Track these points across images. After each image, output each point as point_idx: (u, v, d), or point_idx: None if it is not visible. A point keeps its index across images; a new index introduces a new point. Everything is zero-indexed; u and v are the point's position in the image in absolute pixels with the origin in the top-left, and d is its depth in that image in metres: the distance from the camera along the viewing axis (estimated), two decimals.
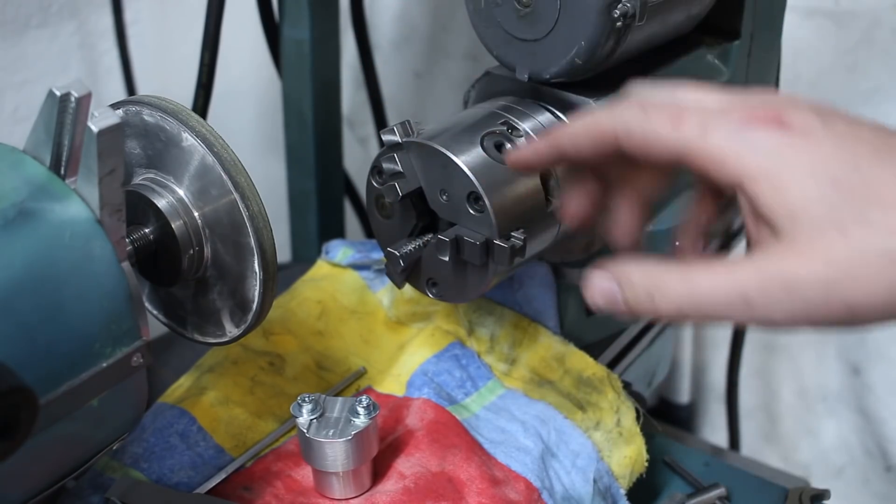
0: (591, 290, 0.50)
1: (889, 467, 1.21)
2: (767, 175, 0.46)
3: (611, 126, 0.50)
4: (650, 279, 0.48)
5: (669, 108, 0.49)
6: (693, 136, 0.47)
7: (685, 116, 0.48)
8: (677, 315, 0.48)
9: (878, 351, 1.19)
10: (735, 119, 0.47)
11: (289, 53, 1.00)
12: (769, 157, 0.46)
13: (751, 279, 0.46)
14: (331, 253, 0.90)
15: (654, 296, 0.48)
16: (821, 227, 0.45)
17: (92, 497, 0.67)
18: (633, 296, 0.49)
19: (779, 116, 0.46)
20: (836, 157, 0.45)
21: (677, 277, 0.48)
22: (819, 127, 0.46)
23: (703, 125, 0.47)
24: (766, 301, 0.45)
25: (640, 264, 0.49)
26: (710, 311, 0.47)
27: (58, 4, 1.09)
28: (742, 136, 0.46)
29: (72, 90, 0.54)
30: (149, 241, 0.65)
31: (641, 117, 0.49)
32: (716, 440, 1.33)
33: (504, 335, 0.82)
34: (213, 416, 0.73)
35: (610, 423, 0.77)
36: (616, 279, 0.49)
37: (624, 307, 0.49)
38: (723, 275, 0.46)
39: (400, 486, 0.69)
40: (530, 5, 0.68)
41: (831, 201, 0.45)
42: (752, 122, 0.47)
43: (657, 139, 0.49)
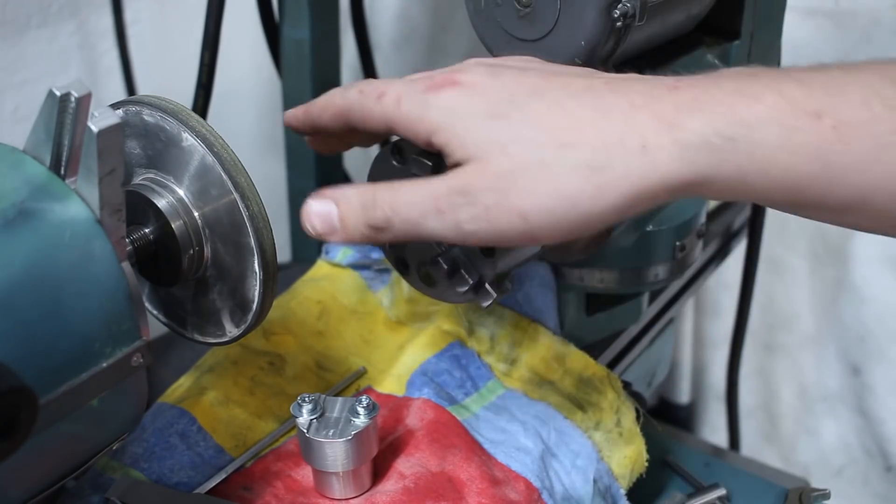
0: (307, 215, 0.58)
1: (889, 467, 1.21)
2: (444, 125, 0.55)
3: (342, 104, 0.60)
4: (364, 193, 0.56)
5: (377, 86, 0.58)
6: (390, 108, 0.57)
7: (386, 93, 0.57)
8: (385, 223, 0.55)
9: (878, 351, 1.19)
10: (420, 88, 0.56)
11: (289, 53, 1.00)
12: (444, 112, 0.55)
13: (440, 188, 0.54)
14: (331, 253, 0.90)
15: (367, 207, 0.56)
16: (486, 149, 0.53)
17: (92, 497, 0.67)
18: (347, 210, 0.56)
19: (452, 78, 0.56)
20: (496, 98, 0.55)
21: (386, 188, 0.56)
22: (485, 78, 0.56)
23: (397, 98, 0.57)
24: (451, 207, 0.53)
25: (353, 185, 0.58)
26: (412, 218, 0.54)
27: (58, 4, 1.09)
28: (424, 100, 0.56)
29: (72, 90, 0.54)
30: (149, 241, 0.65)
31: (358, 97, 0.59)
32: (716, 440, 1.33)
33: (504, 335, 0.82)
34: (213, 416, 0.73)
35: (610, 423, 0.77)
36: (334, 199, 0.57)
37: (339, 226, 0.57)
38: (420, 185, 0.55)
39: (400, 486, 0.69)
40: (530, 5, 0.68)
41: (491, 129, 0.54)
42: (432, 87, 0.56)
43: (369, 115, 0.58)
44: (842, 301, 1.22)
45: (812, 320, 1.25)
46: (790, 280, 1.26)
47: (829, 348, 1.24)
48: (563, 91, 0.54)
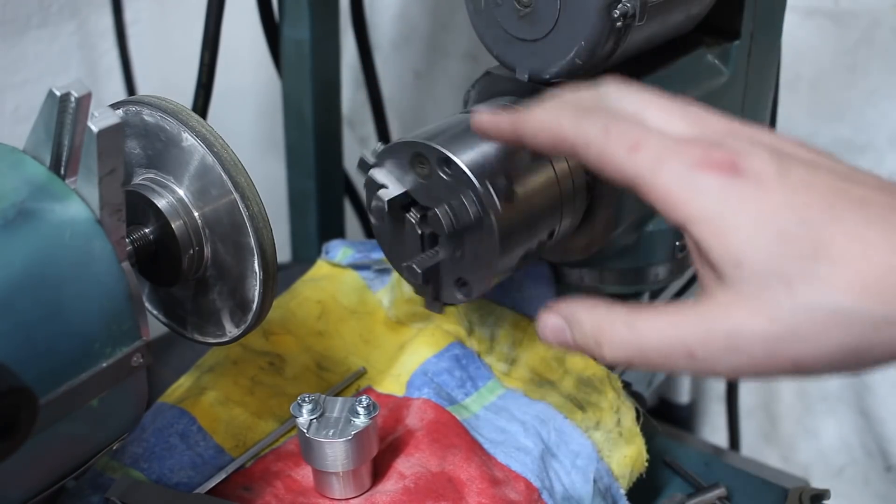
0: (542, 327, 0.51)
1: (889, 467, 1.21)
2: (712, 220, 0.45)
3: (572, 135, 0.51)
4: (597, 325, 0.49)
5: (630, 133, 0.48)
6: (645, 169, 0.47)
7: (642, 145, 0.48)
8: (624, 362, 0.48)
9: None
10: (689, 158, 0.46)
11: (289, 53, 1.00)
12: (716, 203, 0.45)
13: (695, 332, 0.46)
14: (331, 253, 0.90)
15: (601, 343, 0.48)
16: (766, 279, 0.44)
17: (92, 497, 0.67)
18: (581, 338, 0.49)
19: (734, 161, 0.46)
20: (786, 207, 0.45)
21: (622, 325, 0.48)
22: (773, 174, 0.46)
23: (657, 159, 0.47)
24: (708, 355, 0.45)
25: (588, 308, 0.50)
26: (655, 360, 0.47)
27: (58, 4, 1.09)
28: (691, 178, 0.46)
29: (72, 90, 0.54)
30: (149, 241, 0.65)
31: (602, 138, 0.49)
32: (716, 440, 1.33)
33: (504, 335, 0.82)
34: (213, 416, 0.73)
35: (610, 423, 0.77)
36: (566, 320, 0.50)
37: (574, 347, 0.50)
38: (667, 325, 0.46)
39: (400, 486, 0.69)
40: (530, 5, 0.68)
41: (778, 253, 0.44)
42: (705, 165, 0.46)
43: (612, 163, 0.49)
44: None
45: None
46: None
47: None
48: (862, 215, 0.45)
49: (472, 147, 0.66)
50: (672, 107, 0.51)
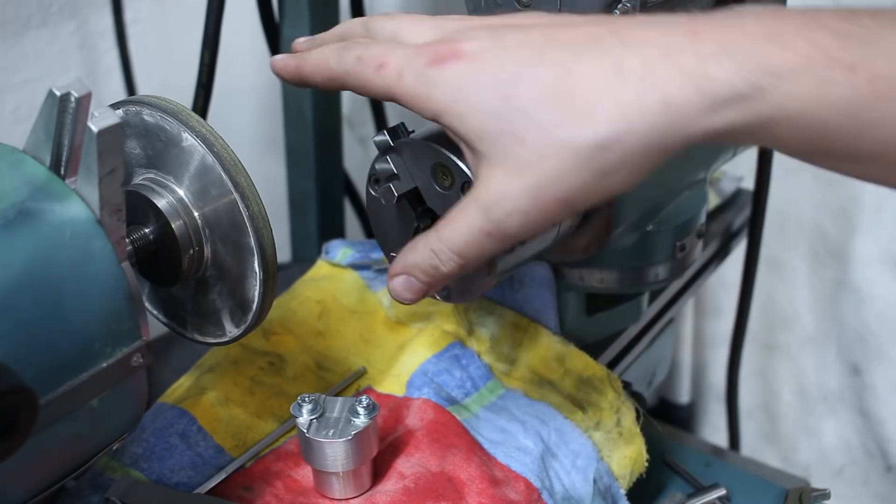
0: (394, 292, 0.58)
1: (889, 467, 1.21)
2: (452, 106, 0.52)
3: (337, 70, 0.57)
4: (423, 255, 0.56)
5: (377, 55, 0.55)
6: (392, 82, 0.54)
7: (387, 62, 0.54)
8: (461, 268, 0.55)
9: (878, 351, 1.19)
10: (422, 60, 0.53)
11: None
12: (449, 91, 0.52)
13: (476, 216, 0.53)
14: (331, 253, 0.90)
15: (434, 267, 0.56)
16: (502, 141, 0.51)
17: (92, 497, 0.67)
18: (423, 274, 0.56)
19: (454, 49, 0.52)
20: (501, 71, 0.51)
21: (434, 240, 0.55)
22: (488, 47, 0.52)
23: (398, 70, 0.53)
24: (497, 226, 0.52)
25: (410, 249, 0.57)
26: (473, 254, 0.54)
27: (58, 4, 1.09)
28: (427, 76, 0.52)
29: (72, 90, 0.54)
30: (149, 241, 0.65)
31: (357, 65, 0.55)
32: (716, 440, 1.33)
33: (504, 335, 0.82)
34: (213, 416, 0.73)
35: (610, 423, 0.77)
36: (403, 271, 0.57)
37: (426, 287, 0.57)
38: (462, 220, 0.54)
39: (400, 486, 0.69)
40: (530, 5, 0.68)
41: (505, 114, 0.50)
42: (434, 62, 0.52)
43: (368, 85, 0.55)
44: (842, 301, 1.22)
45: (812, 320, 1.25)
46: (790, 280, 1.27)
47: (829, 348, 1.24)
48: (569, 52, 0.51)
49: None
50: (422, 20, 0.57)
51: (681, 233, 0.79)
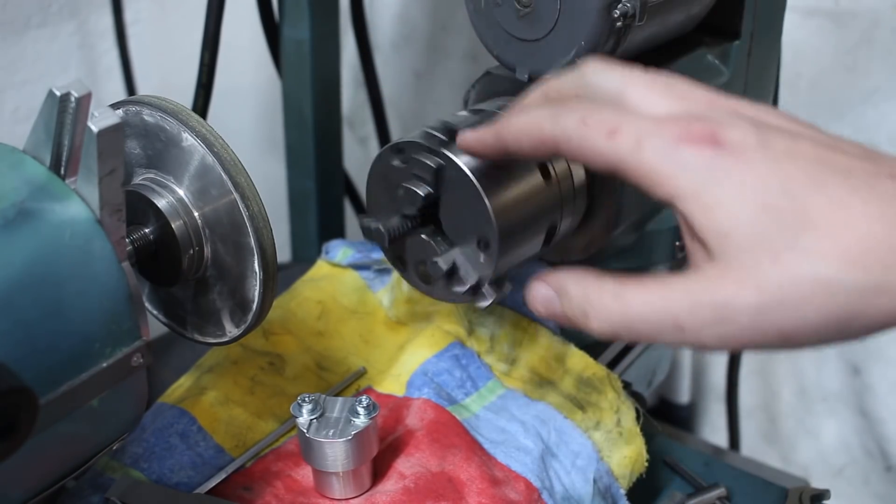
0: (532, 298, 0.52)
1: (889, 467, 1.21)
2: (697, 194, 0.46)
3: (551, 133, 0.51)
4: (584, 297, 0.49)
5: (608, 120, 0.48)
6: (627, 151, 0.47)
7: (621, 129, 0.47)
8: (610, 334, 0.49)
9: (878, 351, 1.19)
10: (669, 135, 0.46)
11: (289, 53, 1.00)
12: (699, 178, 0.45)
13: (682, 302, 0.46)
14: (331, 253, 0.90)
15: (588, 314, 0.49)
16: (752, 251, 0.45)
17: (92, 497, 0.67)
18: (569, 309, 0.50)
19: (714, 134, 0.46)
20: (768, 178, 0.45)
21: (610, 296, 0.48)
22: (754, 145, 0.46)
23: (637, 140, 0.47)
24: (696, 326, 0.45)
25: (577, 279, 0.50)
26: (643, 332, 0.47)
27: (58, 4, 1.09)
28: (673, 154, 0.46)
29: (72, 90, 0.54)
30: (149, 241, 0.65)
31: (581, 129, 0.49)
32: (716, 440, 1.33)
33: (504, 335, 0.82)
34: (213, 416, 0.74)
35: (610, 423, 0.77)
36: (555, 290, 0.50)
37: (563, 317, 0.51)
38: (656, 297, 0.46)
39: (400, 486, 0.69)
40: (530, 5, 0.68)
41: (762, 225, 0.45)
42: (686, 140, 0.46)
43: (593, 151, 0.49)
44: None
45: None
46: None
47: (829, 348, 1.24)
48: (845, 184, 0.45)
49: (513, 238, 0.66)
50: (653, 83, 0.50)
51: (681, 233, 0.79)
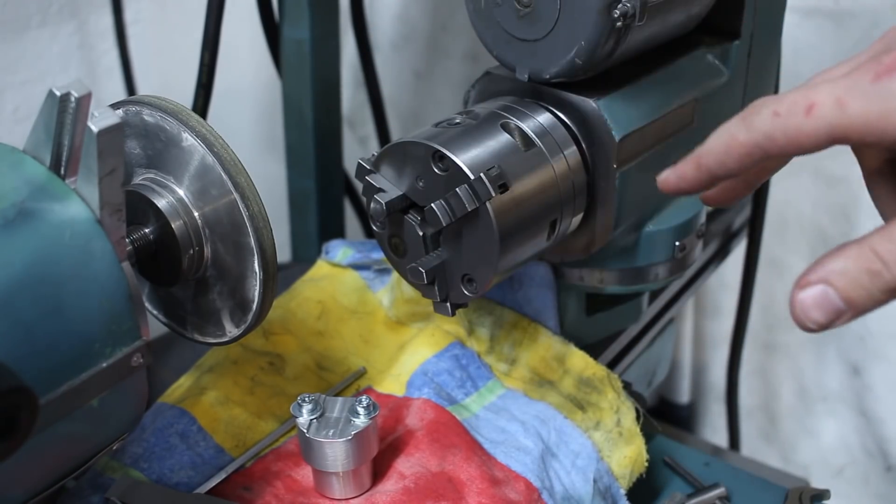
0: (802, 310, 0.48)
1: (889, 467, 1.21)
2: None
3: (751, 140, 0.49)
4: (861, 257, 0.45)
5: (798, 100, 0.47)
6: (833, 116, 0.46)
7: (816, 100, 0.46)
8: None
9: (878, 351, 1.19)
10: (865, 80, 0.45)
11: (289, 53, 1.00)
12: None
13: None
14: (331, 253, 0.90)
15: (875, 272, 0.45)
16: None
17: (92, 497, 0.67)
18: (850, 286, 0.46)
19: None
20: None
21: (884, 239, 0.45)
22: None
23: (836, 100, 0.46)
24: None
25: (838, 252, 0.46)
26: None
27: (58, 4, 1.09)
28: (880, 92, 0.45)
29: (72, 90, 0.54)
30: (149, 241, 0.65)
31: (777, 121, 0.48)
32: (716, 440, 1.33)
33: (504, 335, 0.82)
34: (213, 416, 0.73)
35: (610, 423, 0.77)
36: (824, 280, 0.47)
37: (843, 306, 0.47)
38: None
39: (400, 486, 0.69)
40: (530, 5, 0.68)
41: None
42: (883, 74, 0.45)
43: (799, 134, 0.47)
44: None
45: None
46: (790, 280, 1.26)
47: (829, 348, 1.24)
48: None
49: (467, 144, 0.66)
50: (832, 69, 0.50)
51: (681, 233, 0.79)
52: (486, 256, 0.66)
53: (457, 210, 0.64)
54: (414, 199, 0.68)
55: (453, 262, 0.68)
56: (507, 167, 0.65)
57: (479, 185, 0.63)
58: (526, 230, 0.68)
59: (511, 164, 0.66)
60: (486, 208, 0.65)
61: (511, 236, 0.66)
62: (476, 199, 0.64)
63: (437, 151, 0.65)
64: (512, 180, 0.65)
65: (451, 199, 0.64)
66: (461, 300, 0.69)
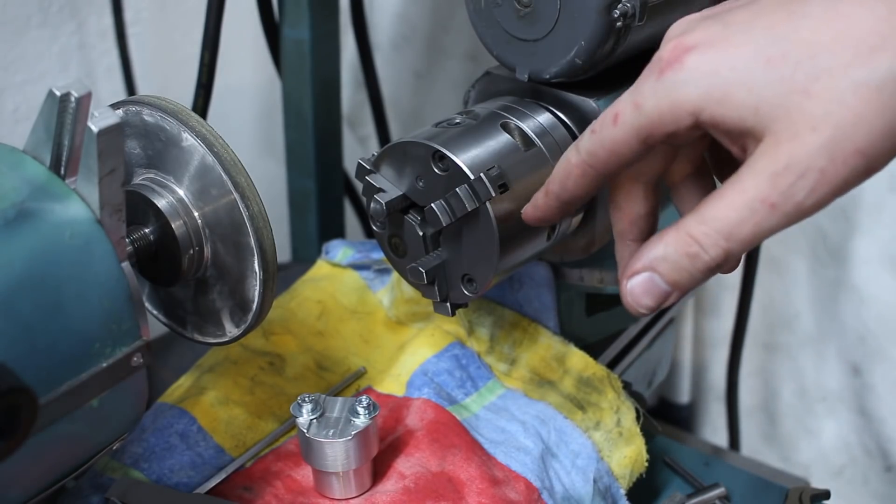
0: (633, 297, 0.51)
1: (889, 467, 1.21)
2: (708, 96, 0.47)
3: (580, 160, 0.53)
4: (678, 241, 0.48)
5: (607, 114, 0.51)
6: (632, 118, 0.49)
7: (619, 109, 0.50)
8: (724, 257, 0.48)
9: (878, 351, 1.19)
10: (651, 79, 0.48)
11: (289, 53, 1.00)
12: (698, 83, 0.47)
13: (762, 186, 0.46)
14: (331, 253, 0.90)
15: (693, 254, 0.48)
16: (785, 104, 0.45)
17: (92, 497, 0.67)
18: (671, 269, 0.49)
19: (683, 44, 0.48)
20: (752, 42, 0.46)
21: (696, 222, 0.48)
22: (721, 29, 0.47)
23: (633, 104, 0.49)
24: (785, 195, 0.46)
25: (656, 242, 0.49)
26: (749, 234, 0.47)
27: (58, 4, 1.09)
28: (665, 85, 0.48)
29: (72, 90, 0.54)
30: (149, 241, 0.65)
31: (594, 137, 0.51)
32: (716, 440, 1.33)
33: (504, 335, 0.82)
34: (213, 416, 0.73)
35: (610, 423, 0.77)
36: (648, 267, 0.50)
37: (672, 288, 0.50)
38: (734, 196, 0.47)
39: (400, 486, 0.69)
40: (530, 5, 0.68)
41: (777, 76, 0.45)
42: (664, 69, 0.48)
43: (614, 143, 0.50)
44: (842, 301, 1.22)
45: (812, 320, 1.25)
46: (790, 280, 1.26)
47: (829, 348, 1.24)
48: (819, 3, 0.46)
49: (467, 144, 0.66)
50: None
51: None
52: (486, 256, 0.66)
53: (457, 210, 0.64)
54: (414, 199, 0.68)
55: (453, 262, 0.68)
56: (507, 167, 0.65)
57: (479, 185, 0.64)
58: (526, 230, 0.68)
59: (511, 164, 0.67)
60: (485, 208, 0.65)
61: (511, 236, 0.66)
62: (476, 199, 0.64)
63: (437, 151, 0.65)
64: (512, 180, 0.65)
65: (451, 199, 0.64)
66: (461, 300, 0.69)
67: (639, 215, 0.57)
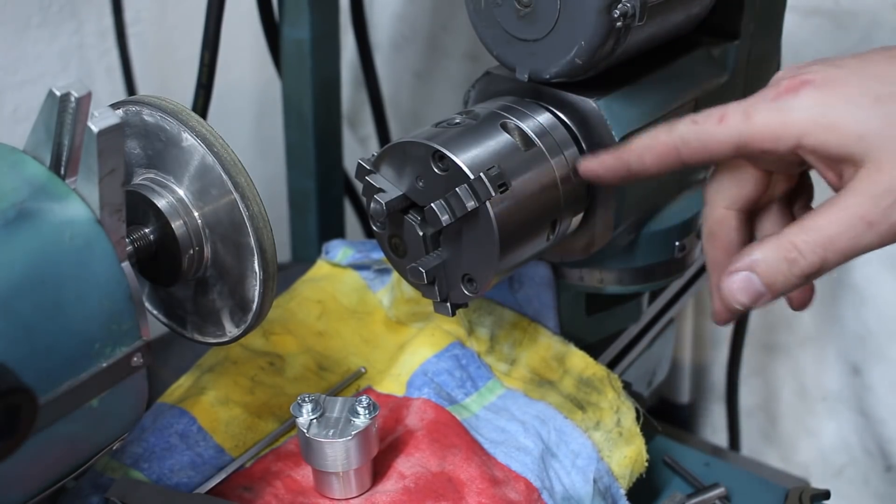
0: (731, 294, 0.55)
1: (889, 467, 1.21)
2: (817, 123, 0.52)
3: (670, 140, 0.57)
4: (780, 247, 0.53)
5: (714, 111, 0.55)
6: (739, 125, 0.54)
7: (727, 111, 0.55)
8: (820, 265, 0.53)
9: (878, 351, 1.19)
10: (768, 98, 0.54)
11: (289, 53, 1.00)
12: (810, 111, 0.52)
13: (863, 203, 0.51)
14: (331, 253, 0.90)
15: (792, 260, 0.53)
16: (889, 134, 0.51)
17: (92, 497, 0.67)
18: (770, 272, 0.53)
19: (800, 78, 0.53)
20: (863, 81, 0.52)
21: (800, 231, 0.53)
22: (836, 70, 0.53)
23: (744, 112, 0.54)
24: (884, 214, 0.51)
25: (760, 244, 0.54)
26: (845, 247, 0.52)
27: (58, 4, 1.09)
28: (780, 105, 0.53)
29: (72, 90, 0.54)
30: (149, 241, 0.65)
31: (693, 127, 0.56)
32: (716, 440, 1.32)
33: (504, 335, 0.82)
34: (213, 416, 0.73)
35: (610, 423, 0.77)
36: (749, 268, 0.54)
37: (767, 290, 0.54)
38: (836, 211, 0.52)
39: (400, 486, 0.69)
40: (530, 5, 0.68)
41: (884, 110, 0.51)
42: (783, 94, 0.53)
43: (710, 139, 0.55)
44: (842, 301, 1.22)
45: (812, 320, 1.25)
46: None
47: (829, 348, 1.24)
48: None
49: (467, 144, 0.66)
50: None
51: (681, 233, 0.79)
52: (486, 256, 0.66)
53: (457, 210, 0.64)
54: (414, 199, 0.68)
55: (453, 262, 0.68)
56: (507, 167, 0.65)
57: (479, 184, 0.63)
58: (526, 230, 0.68)
59: (511, 164, 0.66)
60: (485, 208, 0.65)
61: (511, 236, 0.66)
62: (476, 199, 0.64)
63: (437, 151, 0.65)
64: (512, 180, 0.65)
65: (451, 198, 0.64)
66: (461, 300, 0.69)
67: (732, 244, 0.61)
